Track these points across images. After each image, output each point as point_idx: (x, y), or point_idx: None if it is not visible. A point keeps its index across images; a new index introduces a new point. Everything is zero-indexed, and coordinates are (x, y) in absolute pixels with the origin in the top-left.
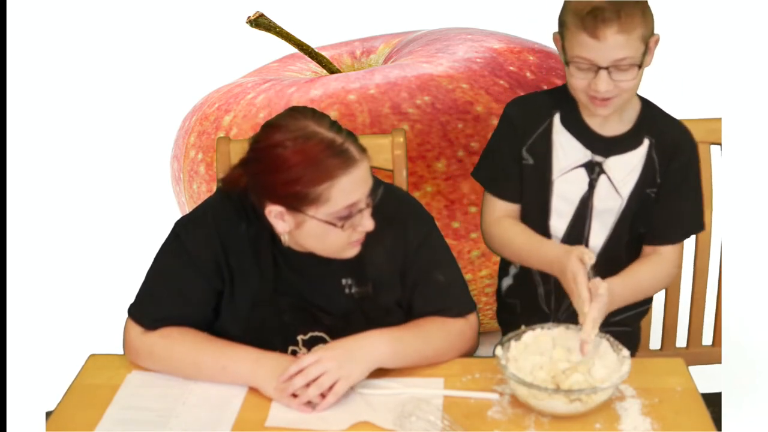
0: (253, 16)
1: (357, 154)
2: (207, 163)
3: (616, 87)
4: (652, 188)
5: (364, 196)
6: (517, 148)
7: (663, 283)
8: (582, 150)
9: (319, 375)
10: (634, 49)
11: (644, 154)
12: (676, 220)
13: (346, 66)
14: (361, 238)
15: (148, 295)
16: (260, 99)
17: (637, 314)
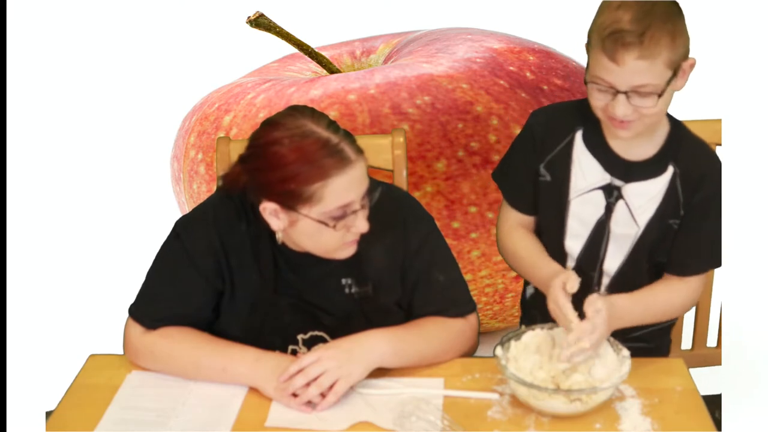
0: (253, 16)
1: (353, 154)
2: (207, 163)
3: (635, 112)
4: (675, 219)
5: (359, 197)
6: (535, 163)
7: (677, 309)
8: (601, 172)
9: (319, 374)
10: (656, 75)
11: (666, 183)
12: (694, 253)
13: (346, 66)
14: (357, 239)
15: (148, 294)
16: (260, 99)
17: (659, 331)
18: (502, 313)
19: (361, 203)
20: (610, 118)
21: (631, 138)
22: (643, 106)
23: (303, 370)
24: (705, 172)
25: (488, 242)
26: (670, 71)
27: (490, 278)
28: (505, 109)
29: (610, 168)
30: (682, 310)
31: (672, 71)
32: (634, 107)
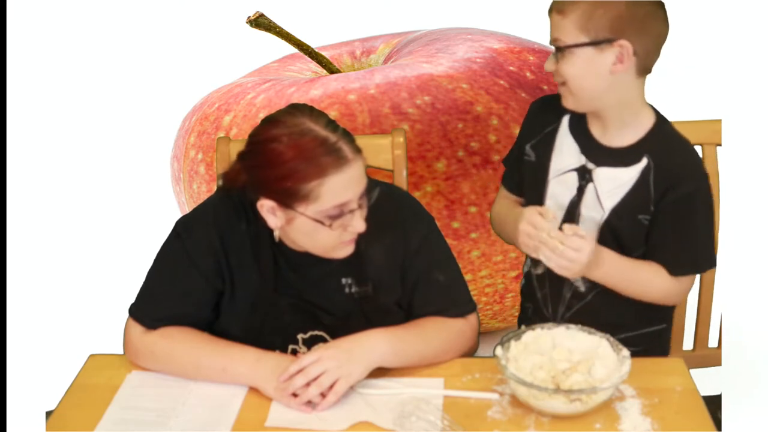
0: (253, 16)
1: (350, 153)
2: (207, 163)
3: (557, 72)
4: (645, 215)
5: (356, 196)
6: (524, 143)
7: (655, 294)
8: (578, 154)
9: (320, 374)
10: (566, 33)
11: (638, 174)
12: (673, 254)
13: (346, 66)
14: (354, 238)
15: (148, 294)
16: (260, 99)
17: (650, 335)
18: (502, 313)
19: (359, 203)
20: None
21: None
22: (563, 64)
23: (303, 369)
24: (682, 171)
25: (488, 242)
26: (583, 36)
27: (490, 278)
28: (505, 109)
29: (586, 151)
30: (660, 298)
31: (588, 38)
32: (557, 66)
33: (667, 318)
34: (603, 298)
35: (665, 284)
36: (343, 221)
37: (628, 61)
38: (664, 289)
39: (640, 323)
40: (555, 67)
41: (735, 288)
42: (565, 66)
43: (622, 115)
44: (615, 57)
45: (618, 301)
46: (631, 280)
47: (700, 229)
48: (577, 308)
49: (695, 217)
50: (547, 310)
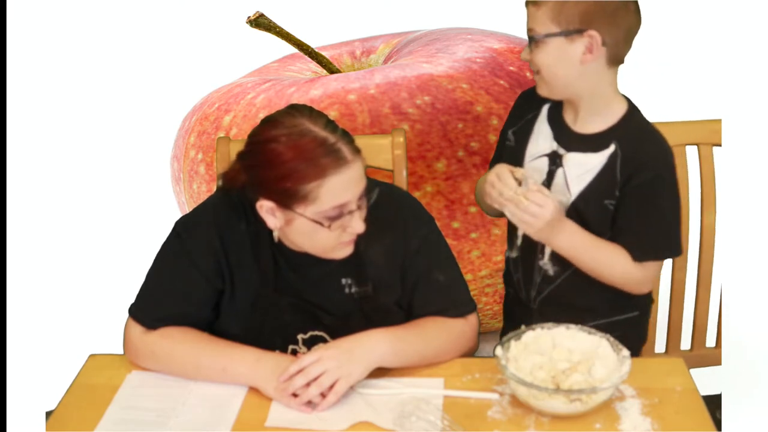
0: (253, 16)
1: (349, 154)
2: (207, 163)
3: (532, 61)
4: (610, 200)
5: (355, 197)
6: (507, 129)
7: (616, 276)
8: (551, 140)
9: (320, 374)
10: (539, 23)
11: (605, 159)
12: (636, 239)
13: (346, 66)
14: (353, 239)
15: (148, 294)
16: (260, 99)
17: (624, 322)
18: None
19: (358, 204)
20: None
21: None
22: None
23: (303, 369)
24: (648, 158)
25: (488, 242)
26: (555, 26)
27: (490, 278)
28: (505, 109)
29: (558, 137)
30: (623, 282)
31: (559, 29)
32: (532, 55)
33: (640, 306)
34: (572, 283)
35: (627, 268)
36: (342, 222)
37: (597, 51)
38: (626, 272)
39: (611, 310)
40: (530, 56)
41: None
42: (539, 55)
43: (593, 103)
44: (584, 47)
45: (587, 287)
46: (594, 257)
47: (663, 216)
48: (547, 292)
49: (658, 204)
50: (522, 294)
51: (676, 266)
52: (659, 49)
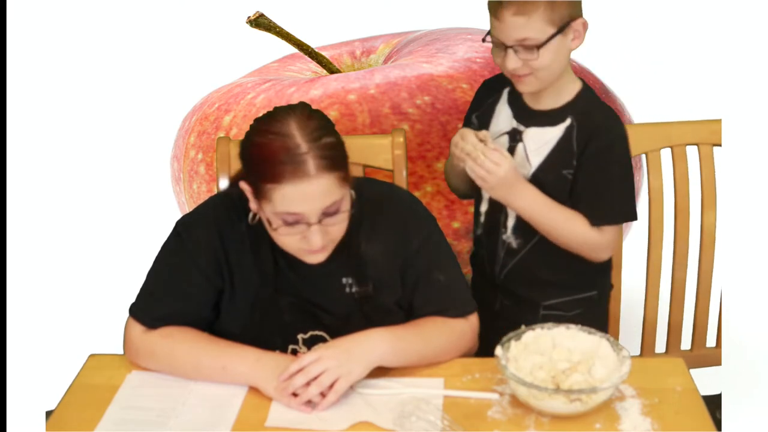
0: (253, 16)
1: (314, 169)
2: (207, 163)
3: (525, 65)
4: (568, 170)
5: (314, 212)
6: (471, 113)
7: (574, 239)
8: (510, 119)
9: (320, 373)
10: (535, 30)
11: (562, 132)
12: (591, 204)
13: (346, 66)
14: (323, 248)
15: (149, 293)
16: (260, 99)
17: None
18: None
19: (319, 218)
20: (509, 73)
21: (529, 91)
22: (531, 58)
23: (303, 369)
24: (601, 127)
25: None
26: (551, 28)
27: None
28: None
29: (518, 115)
30: (581, 245)
31: (555, 28)
32: (523, 61)
33: (600, 285)
34: (534, 256)
35: (586, 232)
36: (302, 231)
37: (583, 34)
38: (584, 236)
39: (573, 287)
40: (520, 64)
41: (735, 288)
42: (540, 60)
43: (557, 83)
44: (573, 34)
45: (549, 261)
46: (553, 219)
47: (616, 182)
48: (511, 266)
49: (611, 171)
50: (487, 270)
51: (676, 266)
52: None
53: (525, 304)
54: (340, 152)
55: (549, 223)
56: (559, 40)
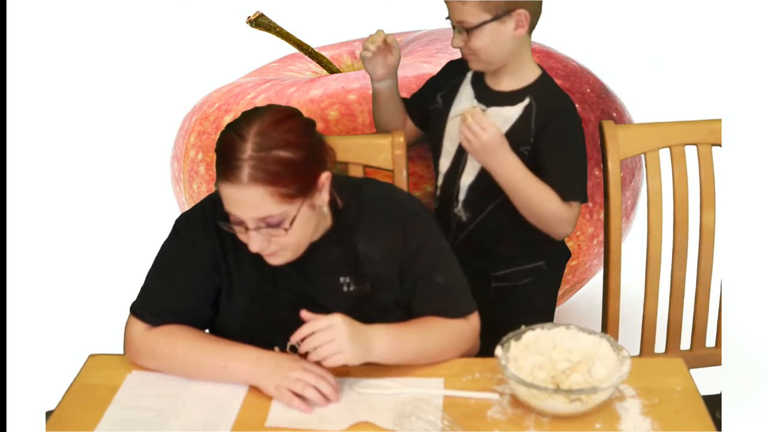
0: (253, 16)
1: (247, 178)
2: (207, 163)
3: (467, 45)
4: (526, 146)
5: (249, 219)
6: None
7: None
8: (472, 99)
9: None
10: (470, 14)
11: (521, 111)
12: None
13: (346, 66)
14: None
15: (149, 291)
16: (260, 99)
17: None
18: None
19: (256, 225)
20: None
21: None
22: (466, 40)
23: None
24: (558, 110)
25: None
26: (486, 14)
27: None
28: None
29: (479, 96)
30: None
31: (490, 15)
32: (465, 41)
33: (548, 255)
34: (482, 230)
35: (558, 206)
36: (243, 232)
37: (526, 24)
38: (556, 209)
39: (521, 258)
40: (462, 43)
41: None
42: (475, 42)
43: (514, 66)
44: (515, 23)
45: (496, 234)
46: (529, 191)
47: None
48: (462, 238)
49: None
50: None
51: (676, 266)
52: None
53: (478, 275)
54: (289, 169)
55: (525, 193)
56: (495, 26)
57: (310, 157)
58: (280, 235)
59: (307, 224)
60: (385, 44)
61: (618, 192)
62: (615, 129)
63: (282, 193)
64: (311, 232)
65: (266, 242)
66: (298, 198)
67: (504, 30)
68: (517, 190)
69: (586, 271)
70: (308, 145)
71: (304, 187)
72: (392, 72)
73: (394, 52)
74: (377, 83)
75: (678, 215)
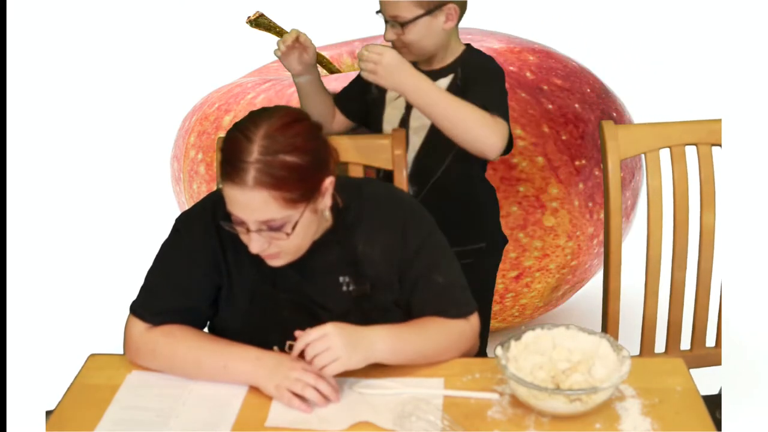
0: (253, 16)
1: (252, 182)
2: (207, 163)
3: (399, 39)
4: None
5: (251, 221)
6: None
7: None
8: None
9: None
10: (404, 9)
11: (450, 80)
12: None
13: (346, 66)
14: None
15: (149, 290)
16: (260, 99)
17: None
18: (501, 313)
19: (258, 228)
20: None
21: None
22: (399, 33)
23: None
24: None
25: None
26: (419, 9)
27: None
28: None
29: None
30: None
31: (423, 10)
32: (398, 35)
33: (489, 236)
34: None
35: (482, 115)
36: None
37: (455, 17)
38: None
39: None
40: (395, 36)
41: (735, 288)
42: (408, 36)
43: (443, 52)
44: (445, 17)
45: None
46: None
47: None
48: None
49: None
50: None
51: (676, 266)
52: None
53: None
54: (295, 174)
55: (449, 110)
56: (428, 20)
57: (315, 162)
58: (282, 238)
59: (309, 228)
60: (299, 42)
61: (618, 192)
62: (615, 129)
63: (286, 198)
64: (312, 234)
65: (267, 244)
66: (302, 203)
67: (435, 23)
68: (439, 106)
69: (586, 271)
70: (314, 149)
71: (308, 192)
72: (309, 68)
73: (308, 50)
74: (297, 78)
75: (678, 215)
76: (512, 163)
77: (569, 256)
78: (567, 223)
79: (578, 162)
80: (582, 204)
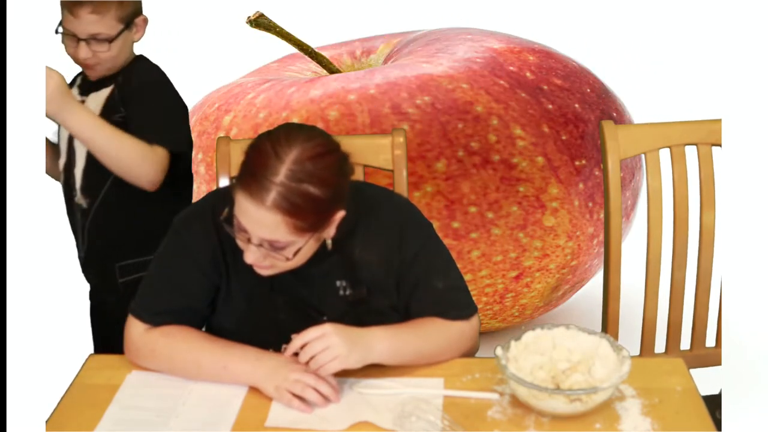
0: (253, 16)
1: (270, 202)
2: (207, 163)
3: (95, 56)
4: (119, 115)
5: (255, 234)
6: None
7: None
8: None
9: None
10: (107, 26)
11: (109, 91)
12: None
13: (346, 66)
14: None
15: (148, 290)
16: (260, 99)
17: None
18: (501, 313)
19: (260, 242)
20: (80, 62)
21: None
22: (101, 50)
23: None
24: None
25: (488, 242)
26: (120, 24)
27: (490, 278)
28: (505, 109)
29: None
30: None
31: (123, 24)
32: (94, 52)
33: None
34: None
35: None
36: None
37: (143, 27)
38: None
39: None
40: (91, 54)
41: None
42: (110, 52)
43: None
44: (135, 29)
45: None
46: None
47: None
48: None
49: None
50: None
51: (676, 266)
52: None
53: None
54: (311, 205)
55: (105, 141)
56: (126, 34)
57: (334, 196)
58: (280, 259)
59: (308, 253)
60: None
61: (618, 192)
62: (615, 129)
63: (297, 226)
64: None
65: (263, 259)
66: (310, 232)
67: (130, 36)
68: (95, 139)
69: (586, 271)
70: (337, 184)
71: (319, 222)
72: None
73: None
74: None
75: (678, 215)
76: (512, 163)
77: (569, 256)
78: (567, 223)
79: (578, 162)
80: (582, 204)
